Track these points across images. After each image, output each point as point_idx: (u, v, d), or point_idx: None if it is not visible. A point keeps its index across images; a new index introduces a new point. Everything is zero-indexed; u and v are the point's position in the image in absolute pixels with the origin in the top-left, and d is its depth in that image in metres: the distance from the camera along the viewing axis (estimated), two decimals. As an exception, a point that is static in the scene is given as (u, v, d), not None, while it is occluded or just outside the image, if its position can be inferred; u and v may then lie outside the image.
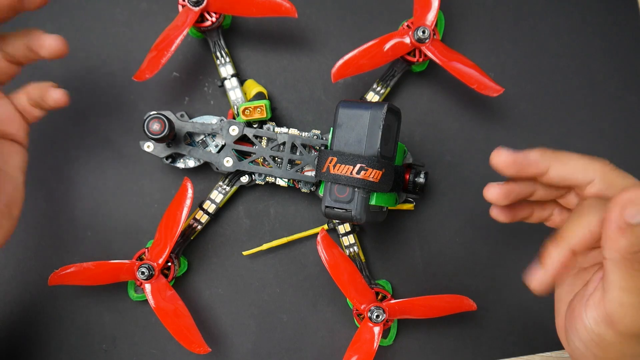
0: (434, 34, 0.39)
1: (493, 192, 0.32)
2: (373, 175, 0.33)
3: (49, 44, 0.33)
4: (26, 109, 0.36)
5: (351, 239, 0.41)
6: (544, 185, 0.33)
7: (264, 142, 0.40)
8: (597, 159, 0.31)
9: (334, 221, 0.42)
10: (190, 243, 0.42)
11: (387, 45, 0.39)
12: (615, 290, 0.27)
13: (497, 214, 0.34)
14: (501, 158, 0.31)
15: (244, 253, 0.42)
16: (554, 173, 0.31)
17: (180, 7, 0.39)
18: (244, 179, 0.41)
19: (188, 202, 0.38)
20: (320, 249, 0.38)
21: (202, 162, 0.41)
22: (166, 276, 0.39)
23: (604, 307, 0.27)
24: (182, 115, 0.40)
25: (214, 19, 0.39)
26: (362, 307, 0.39)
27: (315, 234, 0.40)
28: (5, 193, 0.34)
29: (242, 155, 0.40)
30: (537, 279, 0.29)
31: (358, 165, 0.33)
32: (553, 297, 0.33)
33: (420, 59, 0.40)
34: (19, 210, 0.35)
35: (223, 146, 0.40)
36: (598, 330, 0.28)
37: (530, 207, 0.35)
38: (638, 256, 0.25)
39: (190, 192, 0.38)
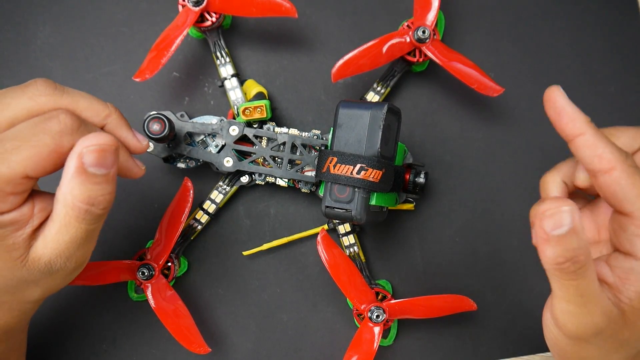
0: (434, 34, 0.39)
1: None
2: (373, 175, 0.33)
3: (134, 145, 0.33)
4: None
5: (351, 239, 0.41)
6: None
7: (264, 142, 0.40)
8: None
9: (334, 221, 0.42)
10: (190, 243, 0.42)
11: (387, 45, 0.39)
12: (555, 298, 0.27)
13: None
14: (559, 100, 0.29)
15: (244, 253, 0.42)
16: (586, 141, 0.28)
17: (180, 7, 0.39)
18: (244, 179, 0.41)
19: (188, 202, 0.38)
20: (320, 249, 0.38)
21: (202, 162, 0.41)
22: (166, 276, 0.39)
23: (552, 311, 0.28)
24: (182, 115, 0.40)
25: (214, 19, 0.39)
26: (362, 307, 0.39)
27: (315, 234, 0.40)
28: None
29: (242, 155, 0.40)
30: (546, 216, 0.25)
31: (358, 165, 0.33)
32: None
33: (420, 59, 0.40)
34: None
35: (223, 146, 0.40)
36: (555, 332, 0.29)
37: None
38: (565, 267, 0.25)
39: (190, 192, 0.38)
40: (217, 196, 0.41)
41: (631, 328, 0.27)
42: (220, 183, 0.41)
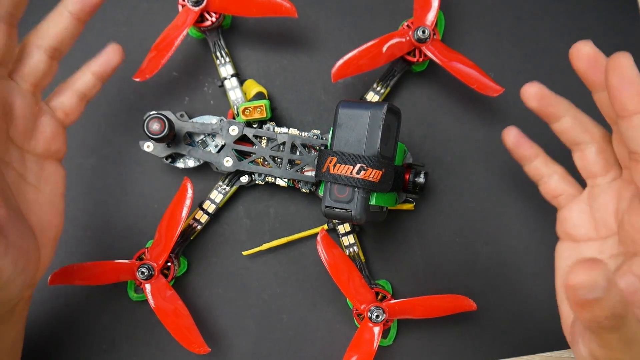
0: (434, 34, 0.39)
1: (535, 89, 0.34)
2: (373, 175, 0.33)
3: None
4: (70, 108, 0.35)
5: (351, 239, 0.41)
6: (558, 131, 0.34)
7: (263, 142, 0.40)
8: (599, 126, 0.32)
9: (334, 221, 0.42)
10: (190, 243, 0.42)
11: (387, 45, 0.39)
12: (591, 344, 0.26)
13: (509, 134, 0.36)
14: (533, 89, 0.33)
15: (244, 253, 0.42)
16: (565, 122, 0.33)
17: (180, 7, 0.39)
18: (244, 179, 0.41)
19: (188, 202, 0.38)
20: (320, 249, 0.38)
21: (202, 162, 0.41)
22: (166, 276, 0.39)
23: (590, 349, 0.27)
24: (182, 115, 0.40)
25: (214, 19, 0.39)
26: (362, 307, 0.39)
27: (315, 234, 0.40)
28: (50, 223, 0.33)
29: (242, 155, 0.40)
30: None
31: (358, 165, 0.33)
32: (555, 298, 0.33)
33: (420, 59, 0.40)
34: (58, 238, 0.34)
35: (223, 146, 0.40)
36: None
37: (537, 150, 0.36)
38: (606, 324, 0.23)
39: (190, 192, 0.38)
40: (216, 196, 0.41)
41: None
42: (220, 183, 0.41)
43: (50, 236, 0.33)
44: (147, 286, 0.38)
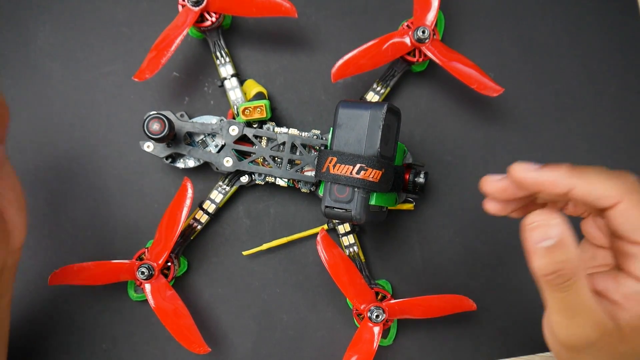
0: (434, 34, 0.39)
1: (491, 185, 0.30)
2: (373, 175, 0.33)
3: None
4: None
5: (351, 239, 0.41)
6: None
7: (263, 142, 0.40)
8: (621, 176, 0.27)
9: (334, 221, 0.42)
10: (190, 243, 0.42)
11: (387, 45, 0.39)
12: (547, 308, 0.27)
13: (491, 207, 0.32)
14: (518, 173, 0.28)
15: (244, 253, 0.42)
16: (578, 192, 0.28)
17: (180, 7, 0.39)
18: (244, 179, 0.41)
19: (188, 202, 0.38)
20: (320, 249, 0.38)
21: (202, 162, 0.41)
22: (166, 276, 0.39)
23: (546, 319, 0.28)
24: (182, 115, 0.40)
25: (214, 19, 0.39)
26: (362, 307, 0.39)
27: (315, 234, 0.40)
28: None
29: (242, 155, 0.40)
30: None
31: (358, 165, 0.33)
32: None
33: (420, 59, 0.40)
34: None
35: (223, 146, 0.40)
36: (551, 339, 0.29)
37: (527, 208, 0.32)
38: (551, 279, 0.25)
39: (190, 192, 0.38)
40: (216, 196, 0.41)
41: (628, 343, 0.27)
42: (220, 183, 0.41)
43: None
44: (147, 286, 0.38)
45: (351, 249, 0.42)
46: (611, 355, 0.28)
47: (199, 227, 0.41)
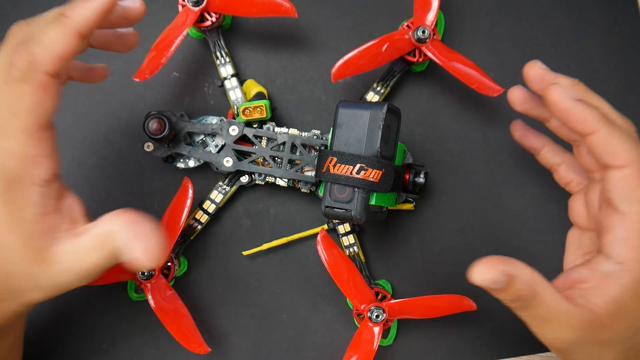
0: (434, 34, 0.39)
1: (517, 94, 0.34)
2: (373, 175, 0.33)
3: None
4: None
5: (351, 239, 0.41)
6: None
7: (263, 142, 0.40)
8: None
9: (334, 221, 0.42)
10: (190, 243, 0.42)
11: (387, 45, 0.39)
12: (526, 323, 0.30)
13: (516, 94, 0.35)
14: (556, 96, 0.30)
15: (244, 253, 0.42)
16: (554, 122, 0.34)
17: (180, 7, 0.39)
18: (244, 179, 0.41)
19: (188, 202, 0.38)
20: (320, 249, 0.38)
21: (202, 162, 0.41)
22: (166, 276, 0.39)
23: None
24: (182, 115, 0.40)
25: (214, 19, 0.39)
26: (362, 307, 0.39)
27: (315, 234, 0.40)
28: None
29: (242, 155, 0.40)
30: None
31: (358, 165, 0.33)
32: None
33: (420, 59, 0.40)
34: None
35: (223, 146, 0.40)
36: (542, 338, 0.30)
37: (544, 141, 0.37)
38: (517, 305, 0.28)
39: (190, 192, 0.38)
40: (216, 196, 0.41)
41: (611, 329, 0.28)
42: (220, 183, 0.41)
43: None
44: (147, 286, 0.38)
45: (351, 249, 0.42)
46: (599, 345, 0.28)
47: (199, 227, 0.41)
